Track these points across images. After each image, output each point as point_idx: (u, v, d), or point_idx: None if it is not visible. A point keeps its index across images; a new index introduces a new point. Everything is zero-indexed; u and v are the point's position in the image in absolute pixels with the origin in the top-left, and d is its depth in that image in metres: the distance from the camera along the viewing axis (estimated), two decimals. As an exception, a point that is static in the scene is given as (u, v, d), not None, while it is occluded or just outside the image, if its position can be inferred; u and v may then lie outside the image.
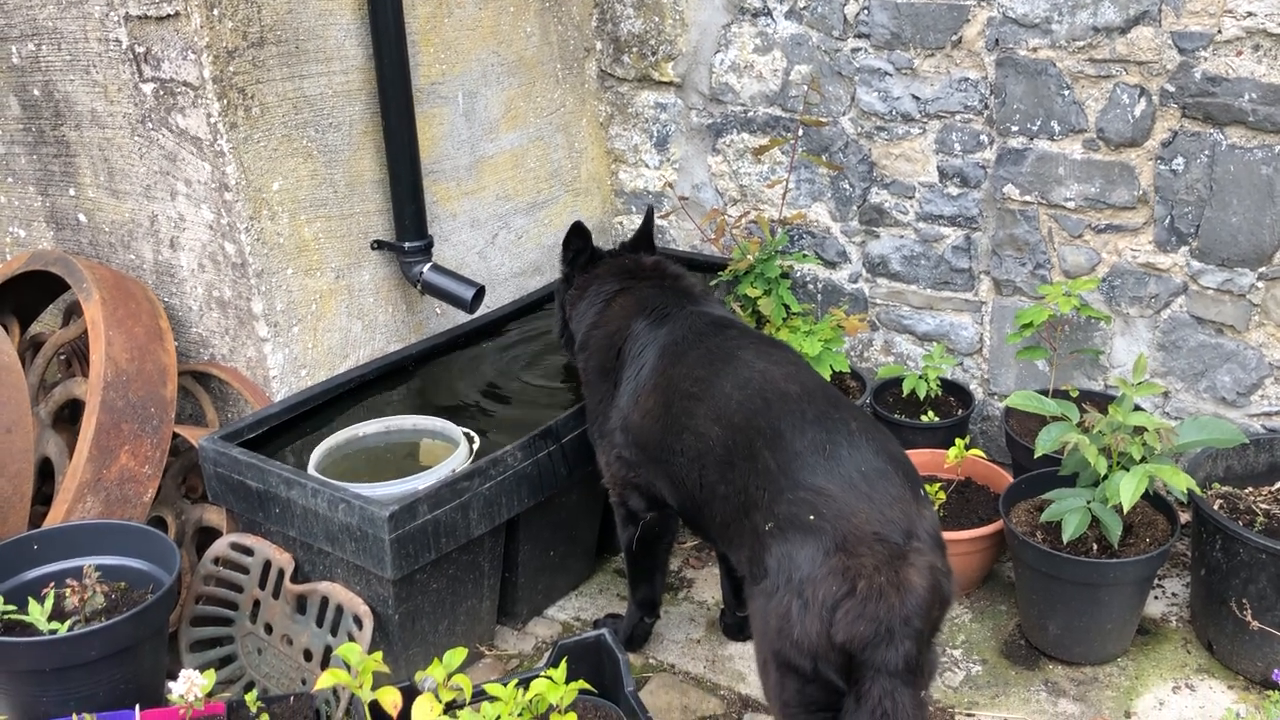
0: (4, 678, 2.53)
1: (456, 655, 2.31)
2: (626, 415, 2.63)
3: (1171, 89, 3.04)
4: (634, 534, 2.77)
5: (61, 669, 2.47)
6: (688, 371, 2.50)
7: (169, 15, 2.83)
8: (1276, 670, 2.15)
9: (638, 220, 4.22)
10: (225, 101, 2.90)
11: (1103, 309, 3.34)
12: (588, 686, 2.39)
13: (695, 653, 3.02)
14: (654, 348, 2.62)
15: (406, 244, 3.34)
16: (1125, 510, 2.65)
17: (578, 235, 2.95)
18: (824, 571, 1.99)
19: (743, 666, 2.95)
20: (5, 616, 2.54)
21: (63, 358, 3.47)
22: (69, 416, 3.26)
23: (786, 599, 2.04)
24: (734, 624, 3.04)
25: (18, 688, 2.52)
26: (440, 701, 2.23)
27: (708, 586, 3.28)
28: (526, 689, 2.36)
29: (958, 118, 3.42)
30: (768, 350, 2.50)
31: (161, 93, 2.97)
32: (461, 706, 2.27)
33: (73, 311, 3.40)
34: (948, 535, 3.01)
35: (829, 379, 3.37)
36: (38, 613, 2.52)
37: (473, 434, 3.00)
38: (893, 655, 1.93)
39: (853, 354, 3.89)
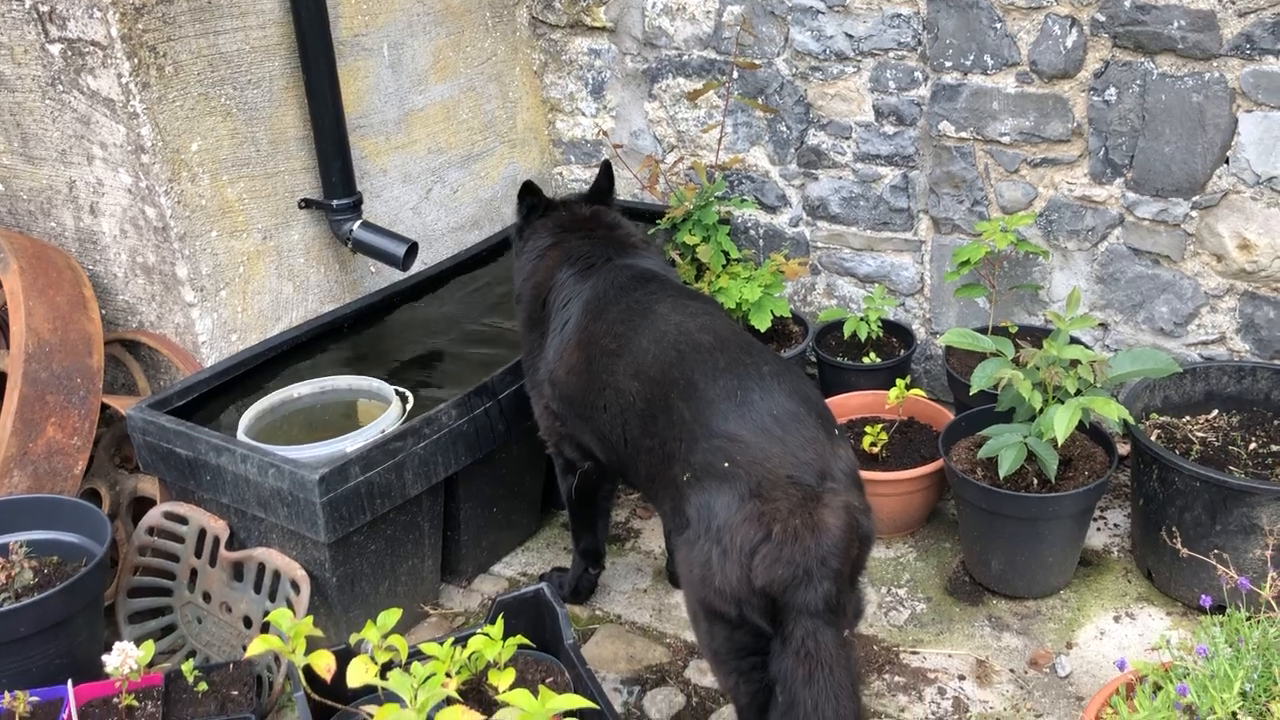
0: (-67, 658, 2.49)
1: (391, 616, 2.28)
2: (553, 369, 2.62)
3: (1102, 18, 3.01)
4: (573, 483, 2.76)
5: (-9, 646, 2.43)
6: (608, 328, 2.49)
7: (70, -28, 2.73)
8: (1204, 595, 2.17)
9: (578, 171, 4.17)
10: (136, 61, 2.81)
11: (1041, 244, 3.33)
12: (526, 641, 2.38)
13: (642, 602, 3.02)
14: (578, 302, 2.60)
15: (335, 202, 3.27)
16: (1060, 443, 2.66)
17: (529, 193, 2.92)
18: (740, 518, 1.99)
19: (688, 615, 2.94)
20: (-69, 596, 2.50)
21: (-12, 331, 3.39)
22: (-4, 390, 3.19)
23: (706, 547, 2.03)
24: (679, 572, 3.04)
25: (-53, 667, 2.49)
26: (376, 663, 2.21)
27: (654, 537, 3.27)
28: (465, 646, 2.35)
29: (891, 55, 3.37)
30: (684, 303, 2.49)
31: (70, 53, 2.87)
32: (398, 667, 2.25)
33: (-5, 283, 3.32)
34: (890, 475, 3.05)
35: (770, 324, 3.35)
36: (-37, 591, 2.48)
37: (406, 393, 2.97)
38: (812, 596, 1.93)
39: (796, 298, 3.87)
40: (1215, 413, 3.03)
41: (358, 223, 3.31)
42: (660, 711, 2.65)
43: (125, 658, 2.39)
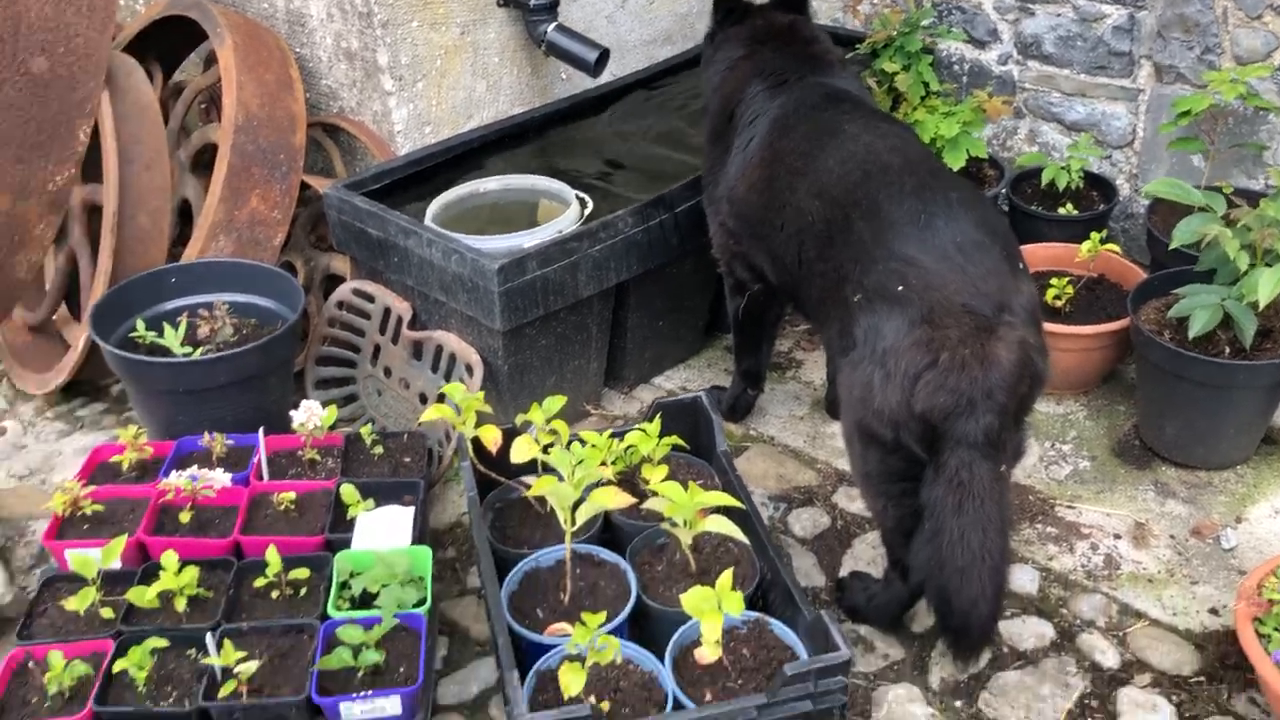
0: (145, 397, 2.74)
1: (556, 402, 2.38)
2: (733, 186, 2.59)
3: None
4: (740, 304, 2.77)
5: (194, 391, 2.65)
6: (794, 146, 2.43)
7: None
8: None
9: (778, -9, 4.02)
10: None
11: (1274, 100, 3.07)
12: (681, 443, 2.45)
13: (796, 428, 3.04)
14: (765, 119, 2.54)
15: (532, 2, 3.27)
16: (1261, 307, 2.50)
17: None
18: (908, 343, 1.96)
19: (843, 444, 2.95)
20: (145, 340, 2.72)
21: (203, 106, 3.58)
22: (207, 163, 3.37)
23: (870, 369, 2.02)
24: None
25: (157, 407, 2.73)
26: (538, 443, 2.32)
27: (816, 369, 3.27)
28: (622, 440, 2.43)
29: (1135, -122, 3.09)
30: (876, 124, 2.40)
31: None
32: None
33: (212, 59, 3.47)
34: (1071, 329, 2.95)
35: (964, 163, 3.23)
36: (172, 338, 2.69)
37: (585, 198, 3.00)
38: (972, 427, 1.90)
39: (995, 141, 3.70)
40: None
41: (553, 25, 3.30)
42: (805, 529, 2.70)
43: (311, 415, 2.57)
